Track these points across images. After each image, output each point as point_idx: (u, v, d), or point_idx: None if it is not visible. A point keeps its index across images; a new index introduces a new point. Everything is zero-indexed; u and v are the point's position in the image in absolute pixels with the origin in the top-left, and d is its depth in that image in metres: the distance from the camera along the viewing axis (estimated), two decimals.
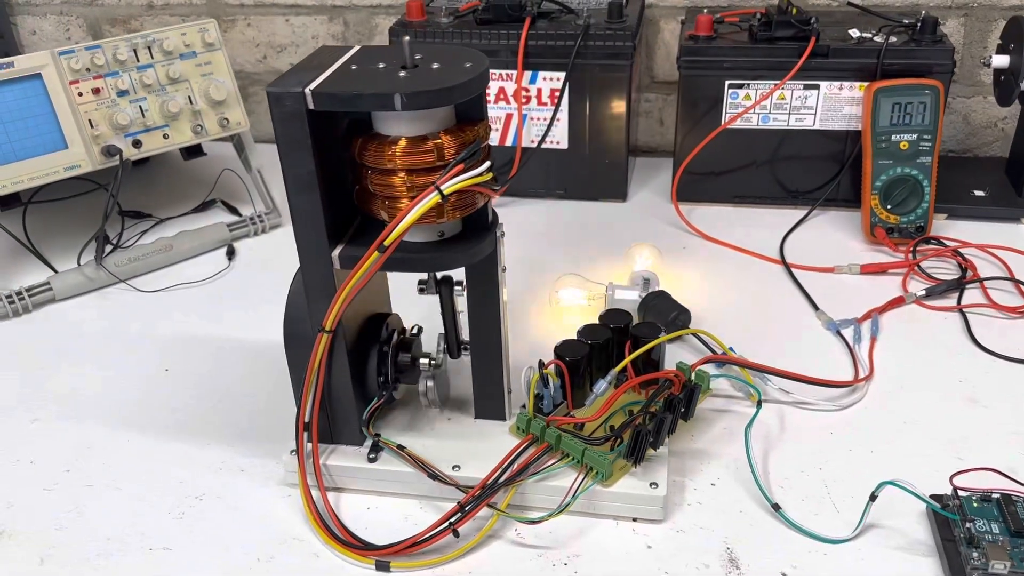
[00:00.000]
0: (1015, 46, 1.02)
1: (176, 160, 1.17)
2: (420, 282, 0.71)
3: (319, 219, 0.62)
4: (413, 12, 1.14)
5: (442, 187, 0.58)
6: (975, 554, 0.60)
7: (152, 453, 0.77)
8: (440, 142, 0.60)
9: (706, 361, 0.78)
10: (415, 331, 0.77)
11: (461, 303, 0.71)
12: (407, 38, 0.59)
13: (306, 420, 0.68)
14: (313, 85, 0.58)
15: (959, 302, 0.92)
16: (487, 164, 0.61)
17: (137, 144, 1.02)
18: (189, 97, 1.05)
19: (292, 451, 0.71)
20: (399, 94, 0.56)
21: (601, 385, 0.72)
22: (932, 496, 0.65)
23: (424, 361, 0.72)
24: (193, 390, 0.85)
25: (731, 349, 0.83)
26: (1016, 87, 1.02)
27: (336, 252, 0.63)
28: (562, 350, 0.73)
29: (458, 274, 0.70)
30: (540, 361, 0.72)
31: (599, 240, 1.09)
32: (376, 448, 0.71)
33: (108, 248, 1.05)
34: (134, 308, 0.99)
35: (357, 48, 0.65)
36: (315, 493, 0.69)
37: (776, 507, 0.67)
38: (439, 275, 0.70)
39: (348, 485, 0.71)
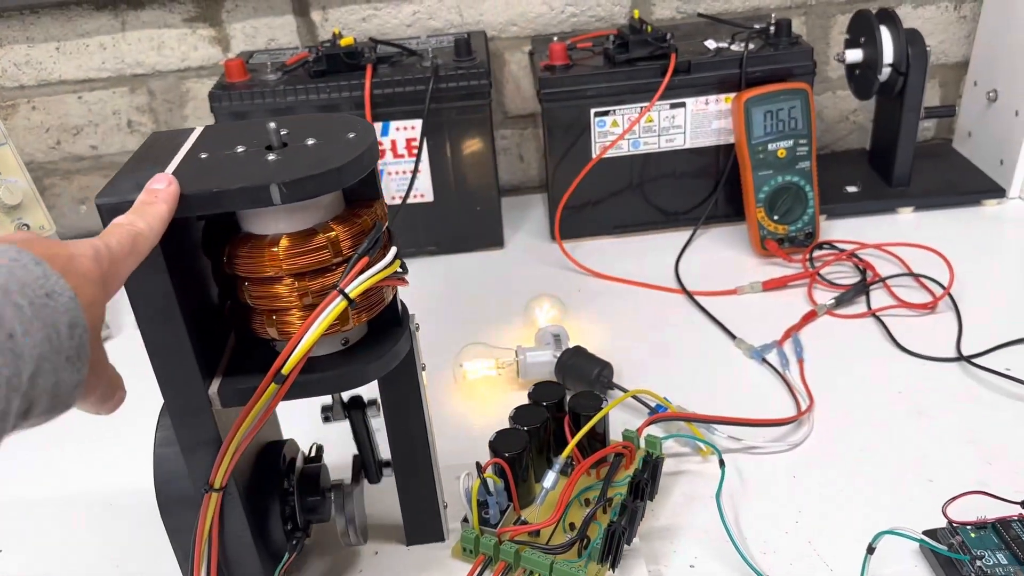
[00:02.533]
0: (866, 39, 1.02)
1: None
2: (324, 408, 0.58)
3: (186, 353, 0.48)
4: (233, 73, 1.00)
5: (347, 290, 0.46)
6: None
7: None
8: (334, 234, 0.48)
9: (651, 422, 0.70)
10: (314, 453, 0.64)
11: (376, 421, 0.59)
12: (272, 125, 0.47)
13: None
14: None
15: (869, 307, 0.90)
16: (393, 251, 0.49)
17: None
18: None
19: None
20: (275, 184, 0.44)
21: (550, 477, 0.62)
22: (925, 532, 0.60)
23: (336, 493, 0.59)
24: (36, 570, 0.67)
25: (666, 399, 0.75)
26: (875, 80, 1.01)
27: (214, 389, 0.50)
28: (499, 444, 0.63)
29: (368, 389, 0.58)
30: (477, 463, 0.61)
31: (487, 295, 0.99)
32: None
33: None
34: None
35: (199, 130, 0.52)
36: None
37: None
38: (345, 396, 0.58)
39: None
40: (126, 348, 0.95)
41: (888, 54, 0.99)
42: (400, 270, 0.51)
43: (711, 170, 1.05)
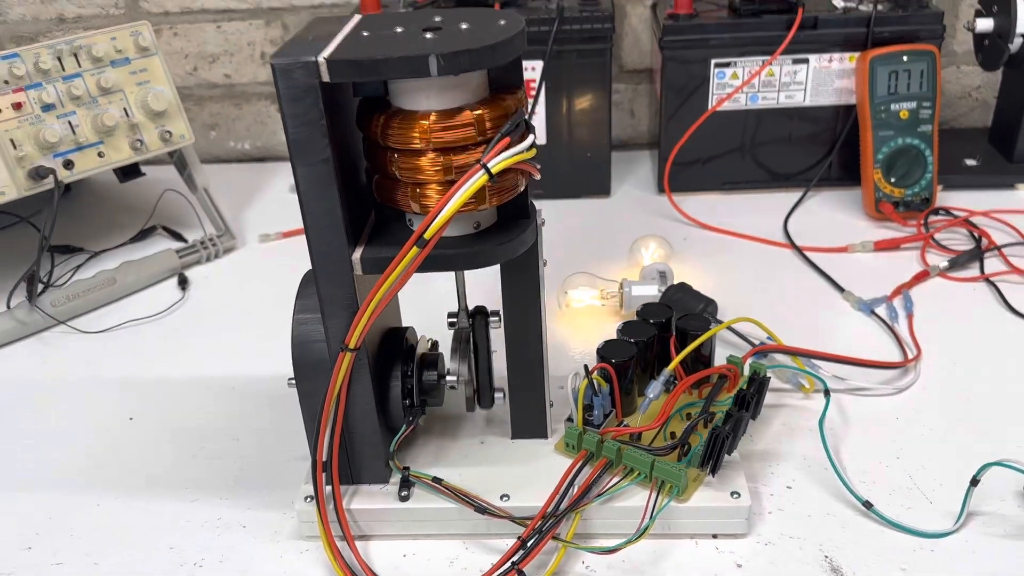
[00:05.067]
0: (999, 7, 0.99)
1: (101, 186, 1.04)
2: (450, 315, 0.62)
3: (337, 217, 0.52)
4: (368, 7, 1.04)
5: (489, 164, 0.49)
6: None
7: (129, 516, 0.64)
8: (481, 113, 0.51)
9: (756, 351, 0.71)
10: (430, 344, 0.67)
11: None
12: None
13: (324, 459, 0.58)
14: (327, 52, 0.48)
15: (982, 271, 0.88)
16: (532, 138, 0.52)
17: (68, 165, 0.89)
18: (125, 109, 0.93)
19: (308, 498, 0.60)
20: (434, 56, 0.47)
21: (655, 387, 0.64)
22: None
23: (452, 379, 0.63)
24: (167, 439, 0.72)
25: (773, 333, 0.76)
26: (1005, 50, 0.99)
27: (357, 255, 0.53)
28: (607, 351, 0.65)
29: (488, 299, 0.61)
30: (585, 366, 0.63)
31: (593, 238, 1.01)
32: (407, 484, 0.61)
33: (39, 287, 0.91)
34: (79, 352, 0.85)
35: (358, 16, 0.56)
36: (340, 544, 0.58)
37: (868, 505, 0.60)
38: (471, 307, 0.62)
39: (376, 531, 0.61)
40: (248, 258, 1.02)
41: (1022, 22, 0.97)
42: (535, 160, 0.54)
43: (827, 132, 1.05)
